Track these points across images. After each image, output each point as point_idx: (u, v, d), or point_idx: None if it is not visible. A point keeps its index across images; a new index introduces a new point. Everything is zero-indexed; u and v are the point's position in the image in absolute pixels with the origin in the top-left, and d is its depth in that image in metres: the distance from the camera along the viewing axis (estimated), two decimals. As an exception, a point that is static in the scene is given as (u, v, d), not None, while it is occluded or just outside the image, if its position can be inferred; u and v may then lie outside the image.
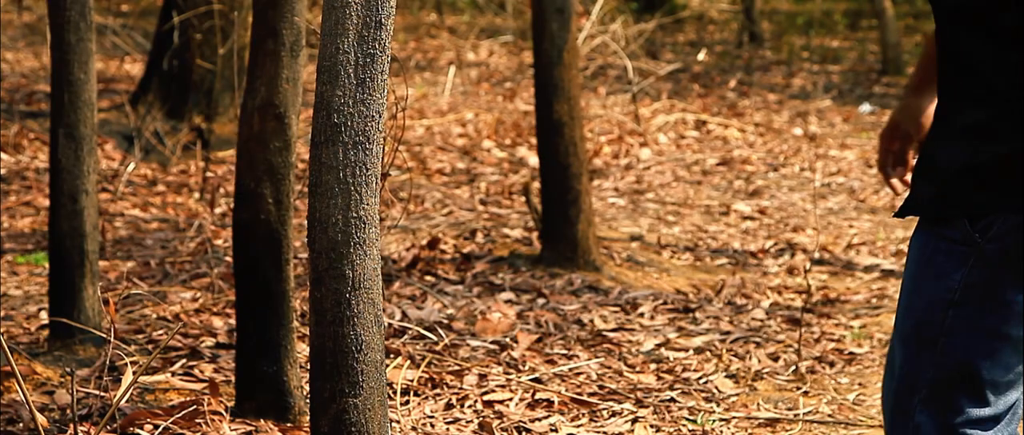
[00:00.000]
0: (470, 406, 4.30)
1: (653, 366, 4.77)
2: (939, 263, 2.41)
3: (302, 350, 4.43)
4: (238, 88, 7.87)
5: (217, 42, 8.39)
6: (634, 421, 4.23)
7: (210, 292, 5.40)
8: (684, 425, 4.26)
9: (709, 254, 6.53)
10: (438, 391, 4.40)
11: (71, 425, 3.78)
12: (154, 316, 5.10)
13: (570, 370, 4.67)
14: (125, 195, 7.43)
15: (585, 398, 4.40)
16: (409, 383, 4.40)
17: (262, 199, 3.98)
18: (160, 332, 4.91)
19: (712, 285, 5.87)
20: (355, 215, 2.67)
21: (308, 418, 3.48)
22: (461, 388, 4.43)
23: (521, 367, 4.67)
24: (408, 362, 4.59)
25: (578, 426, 4.20)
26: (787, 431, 4.27)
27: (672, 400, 4.44)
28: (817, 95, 12.12)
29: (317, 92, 2.68)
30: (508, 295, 5.53)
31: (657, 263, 6.24)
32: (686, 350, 4.96)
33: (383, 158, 2.74)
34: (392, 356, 4.62)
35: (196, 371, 4.47)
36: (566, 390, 4.46)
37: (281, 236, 4.00)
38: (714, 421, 4.29)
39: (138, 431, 3.87)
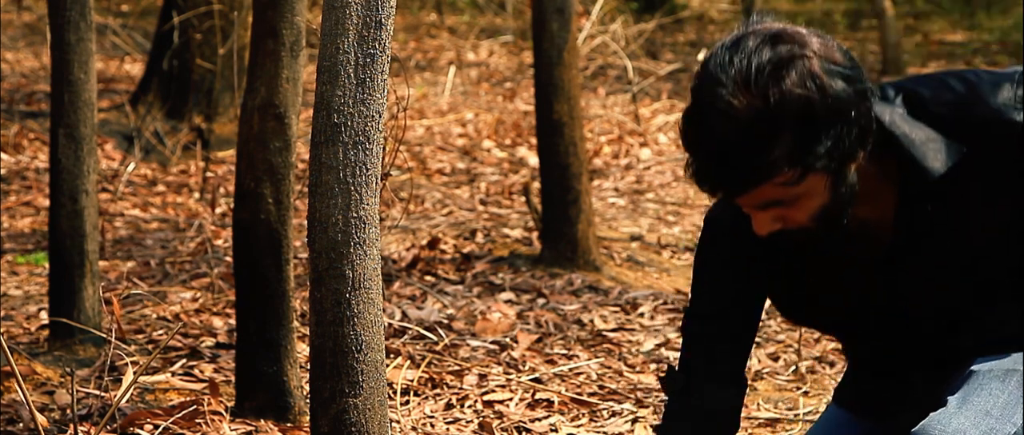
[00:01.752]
0: (470, 406, 4.30)
1: (653, 366, 4.77)
2: None
3: (302, 350, 4.43)
4: (238, 88, 7.87)
5: (217, 42, 8.39)
6: (634, 421, 4.23)
7: (210, 292, 5.40)
8: (684, 425, 4.25)
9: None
10: (438, 391, 4.39)
11: (71, 425, 3.78)
12: (154, 316, 5.10)
13: (570, 370, 4.67)
14: (125, 195, 7.43)
15: (585, 398, 4.40)
16: (409, 383, 4.40)
17: (262, 199, 3.98)
18: (160, 332, 4.91)
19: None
20: (355, 215, 2.67)
21: (308, 418, 3.48)
22: (461, 388, 4.43)
23: (521, 367, 4.67)
24: (408, 362, 4.59)
25: (578, 426, 4.20)
26: (787, 431, 4.26)
27: (672, 400, 4.43)
28: (817, 95, 12.11)
29: (317, 92, 2.68)
30: (508, 295, 5.52)
31: (657, 263, 6.24)
32: (686, 350, 4.95)
33: (383, 158, 2.74)
34: (392, 356, 4.62)
35: (196, 371, 4.47)
36: (566, 390, 4.46)
37: (281, 236, 3.99)
38: (714, 421, 4.29)
39: (138, 431, 3.87)
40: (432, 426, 4.13)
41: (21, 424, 3.93)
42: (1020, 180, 2.42)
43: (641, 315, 5.35)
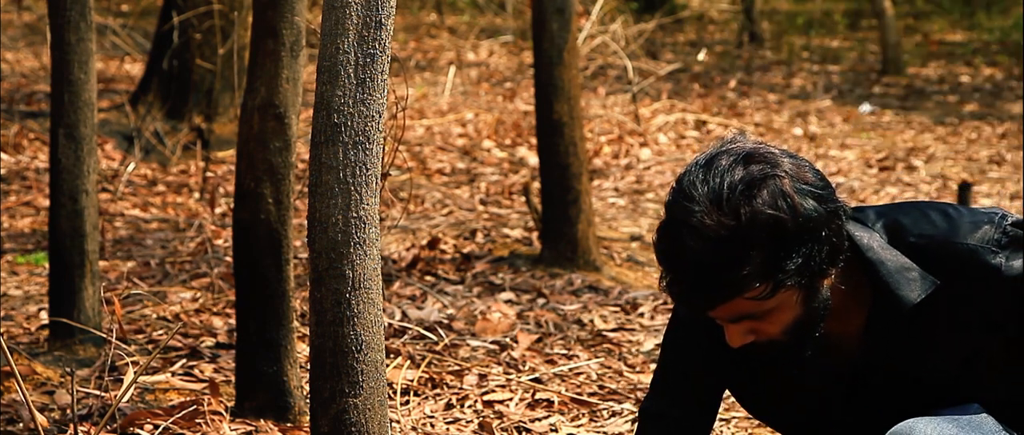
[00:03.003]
0: (470, 406, 4.30)
1: (653, 366, 4.77)
2: None
3: (302, 350, 4.43)
4: (238, 88, 7.87)
5: (217, 42, 8.39)
6: (634, 421, 4.23)
7: (210, 292, 5.40)
8: (684, 425, 4.25)
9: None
10: (438, 391, 4.39)
11: (71, 425, 3.78)
12: (154, 316, 5.10)
13: (570, 370, 4.67)
14: (125, 195, 7.43)
15: (585, 398, 4.40)
16: (409, 383, 4.40)
17: (262, 199, 3.98)
18: (160, 332, 4.91)
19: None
20: (355, 215, 2.67)
21: (308, 418, 3.48)
22: (461, 388, 4.43)
23: (521, 367, 4.67)
24: (408, 362, 4.59)
25: (578, 426, 4.20)
26: (787, 431, 4.26)
27: (672, 400, 4.43)
28: (817, 95, 12.13)
29: (317, 92, 2.68)
30: (508, 295, 5.53)
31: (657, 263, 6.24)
32: (686, 350, 4.95)
33: (383, 158, 2.74)
34: (392, 356, 4.62)
35: (196, 371, 4.47)
36: (566, 390, 4.46)
37: (281, 236, 3.99)
38: (714, 421, 4.29)
39: (138, 431, 3.87)
40: (432, 426, 4.13)
41: (21, 424, 3.93)
42: (987, 317, 2.48)
43: (641, 315, 5.35)
